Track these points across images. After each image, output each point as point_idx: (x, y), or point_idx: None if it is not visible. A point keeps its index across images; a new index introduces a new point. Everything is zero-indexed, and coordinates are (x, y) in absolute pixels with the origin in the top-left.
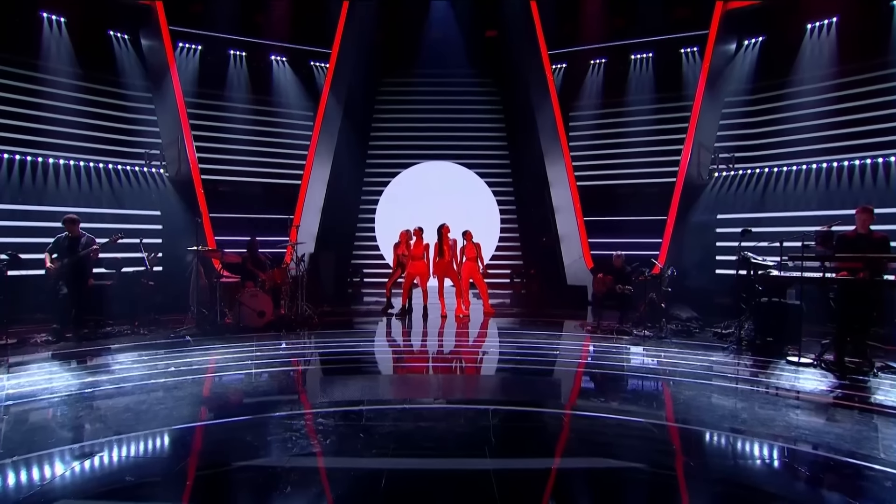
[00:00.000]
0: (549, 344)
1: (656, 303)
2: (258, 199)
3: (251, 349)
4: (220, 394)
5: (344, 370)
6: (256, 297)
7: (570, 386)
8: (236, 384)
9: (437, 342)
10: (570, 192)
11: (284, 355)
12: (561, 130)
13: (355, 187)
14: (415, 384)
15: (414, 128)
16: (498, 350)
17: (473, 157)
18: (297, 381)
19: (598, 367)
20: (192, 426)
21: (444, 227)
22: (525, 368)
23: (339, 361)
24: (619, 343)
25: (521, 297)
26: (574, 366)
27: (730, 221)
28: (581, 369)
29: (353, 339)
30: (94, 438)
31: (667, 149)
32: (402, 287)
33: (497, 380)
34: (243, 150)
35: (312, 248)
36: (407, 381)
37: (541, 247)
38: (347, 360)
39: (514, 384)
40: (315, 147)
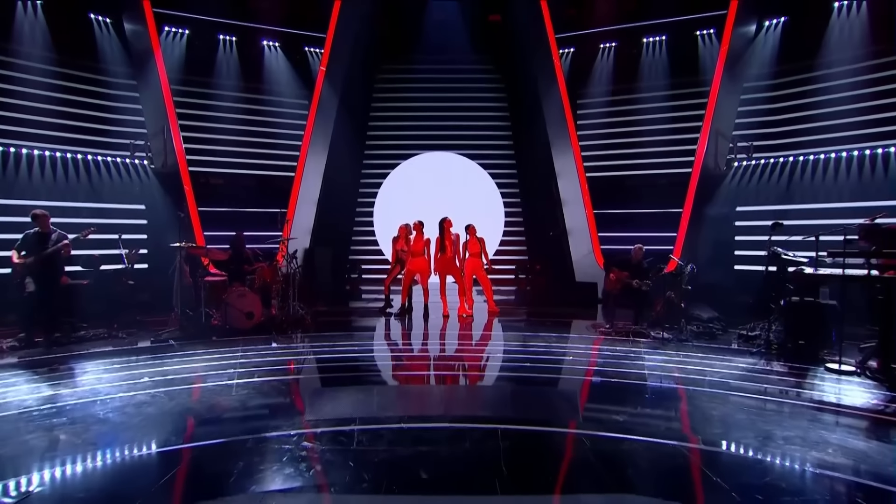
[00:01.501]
0: (561, 348)
1: (675, 302)
2: (250, 193)
3: (235, 355)
4: (192, 411)
5: (335, 380)
6: (244, 297)
7: (588, 400)
8: (213, 398)
9: (439, 346)
10: (579, 184)
11: (270, 362)
12: (569, 118)
13: (352, 179)
14: (414, 398)
15: (414, 116)
16: (505, 355)
17: (476, 147)
18: (282, 395)
19: (617, 376)
20: (151, 453)
21: (445, 220)
22: (536, 378)
23: (330, 369)
24: (637, 347)
25: (526, 294)
26: (591, 374)
27: (750, 214)
28: (599, 379)
29: (347, 343)
30: (29, 471)
31: (682, 137)
32: (401, 285)
33: (505, 392)
34: (233, 140)
35: (307, 244)
36: (405, 395)
37: (547, 241)
38: (339, 367)
39: (525, 397)
40: (309, 137)
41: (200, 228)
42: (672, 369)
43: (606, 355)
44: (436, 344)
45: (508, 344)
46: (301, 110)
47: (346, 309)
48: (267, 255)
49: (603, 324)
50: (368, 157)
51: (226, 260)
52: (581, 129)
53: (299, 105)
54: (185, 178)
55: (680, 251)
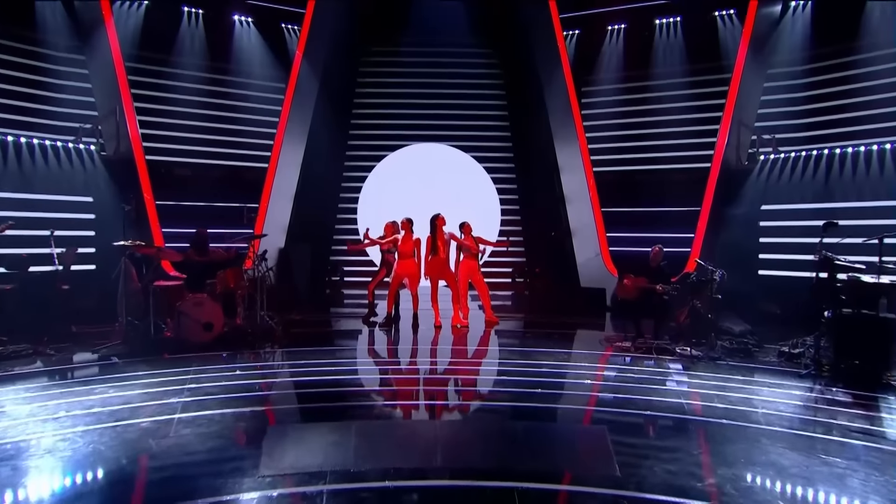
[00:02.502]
0: (575, 368)
1: (702, 313)
2: (216, 185)
3: (185, 378)
4: (107, 461)
5: (304, 413)
6: (202, 305)
7: (620, 443)
8: (140, 443)
9: (430, 363)
10: (585, 179)
11: (226, 387)
12: (574, 108)
13: (335, 172)
14: (402, 442)
15: (403, 104)
16: (510, 378)
17: (471, 138)
18: (232, 437)
19: (651, 407)
20: None
21: (438, 218)
22: (551, 409)
23: (299, 398)
24: (663, 367)
25: (525, 300)
26: (616, 403)
27: (776, 213)
28: (630, 412)
29: (322, 361)
30: None
31: (700, 129)
32: (387, 290)
33: (518, 432)
34: (198, 126)
35: (282, 243)
36: (391, 436)
37: (548, 242)
38: (310, 395)
39: (543, 440)
40: (285, 124)
41: (158, 225)
42: (714, 398)
43: (631, 378)
44: (426, 362)
45: (512, 363)
46: (276, 94)
47: (325, 317)
48: (241, 257)
49: (619, 337)
50: (352, 149)
51: (188, 261)
52: (588, 119)
53: (274, 89)
54: (141, 166)
55: (698, 254)
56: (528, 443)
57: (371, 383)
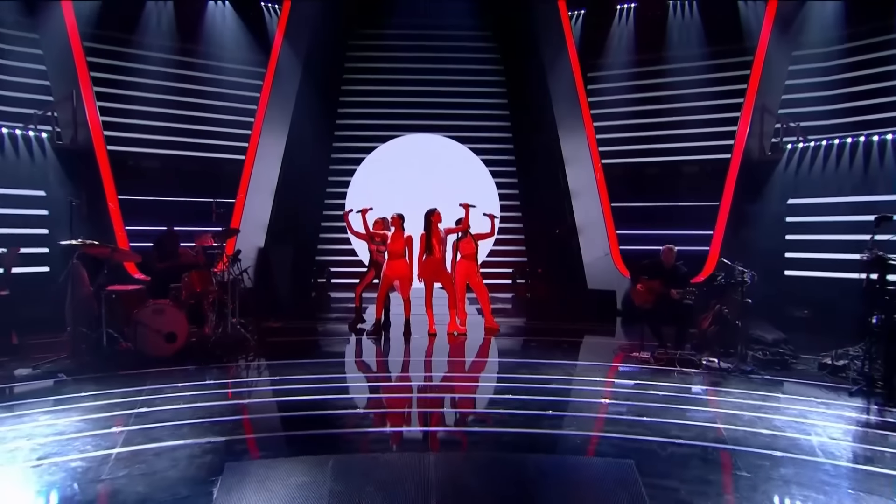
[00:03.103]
0: (590, 384)
1: (729, 319)
2: (188, 179)
3: (137, 400)
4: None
5: (269, 444)
6: (162, 313)
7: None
8: (63, 489)
9: (423, 379)
10: (593, 173)
11: (182, 412)
12: (581, 94)
13: (320, 164)
14: (387, 482)
15: (394, 91)
16: (517, 397)
17: (468, 128)
18: (178, 481)
19: (682, 433)
20: None
21: (433, 214)
22: (565, 436)
23: (265, 424)
24: (691, 382)
25: (526, 303)
26: (642, 429)
27: (805, 208)
28: (656, 438)
29: (299, 376)
30: None
31: (719, 117)
32: (376, 293)
33: (527, 466)
34: (166, 114)
35: (262, 242)
36: (373, 475)
37: (552, 240)
38: (280, 421)
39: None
40: (264, 112)
41: (122, 222)
42: (755, 421)
43: (656, 397)
44: (419, 377)
45: (517, 378)
46: (254, 80)
47: (307, 324)
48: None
49: (636, 346)
50: (339, 139)
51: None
52: (595, 106)
53: (252, 73)
54: (102, 157)
55: (717, 253)
56: (540, 481)
57: (354, 405)
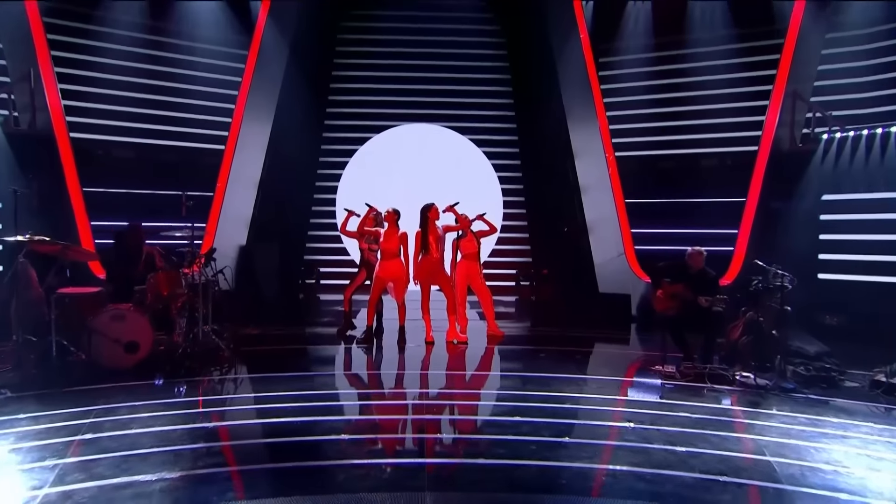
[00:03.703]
0: (609, 403)
1: (763, 329)
2: (161, 170)
3: (81, 424)
4: None
5: (232, 480)
6: (122, 320)
7: None
8: None
9: (419, 396)
10: (605, 166)
11: (133, 440)
12: (593, 81)
13: (309, 156)
14: None
15: (390, 77)
16: (525, 420)
17: (469, 118)
18: None
19: (727, 468)
20: None
21: (430, 209)
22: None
23: (231, 454)
24: (725, 402)
25: (531, 307)
26: (676, 462)
27: (842, 205)
28: (696, 475)
29: (275, 393)
30: None
31: (745, 105)
32: (367, 297)
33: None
34: (136, 98)
35: (244, 239)
36: None
37: (559, 238)
38: (249, 450)
39: None
40: (246, 99)
41: (86, 218)
42: (810, 453)
43: (688, 420)
44: (414, 393)
45: (526, 396)
46: (235, 63)
47: (291, 331)
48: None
49: (658, 358)
50: (330, 129)
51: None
52: (608, 95)
53: (233, 55)
54: (63, 144)
55: (743, 254)
56: None
57: (339, 430)
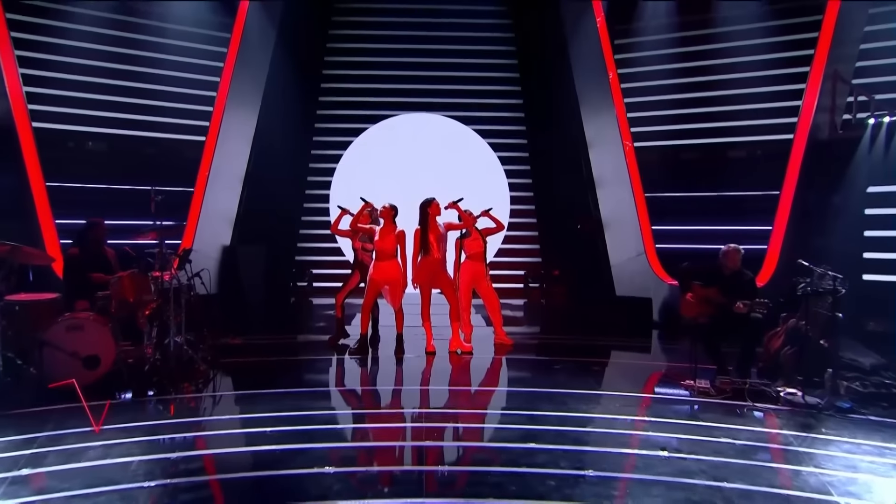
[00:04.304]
0: (634, 427)
1: (811, 338)
2: (136, 163)
3: (20, 455)
4: None
5: None
6: (81, 330)
7: None
8: None
9: (418, 415)
10: (623, 157)
11: (81, 475)
12: (610, 65)
13: (300, 148)
14: None
15: (387, 63)
16: (540, 448)
17: (472, 107)
18: None
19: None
20: None
21: (431, 205)
22: None
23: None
24: (772, 425)
25: (540, 311)
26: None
27: (891, 198)
28: None
29: (255, 413)
30: None
31: (779, 89)
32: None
33: None
34: (107, 85)
35: (228, 239)
36: None
37: (572, 236)
38: (219, 487)
39: None
40: (228, 85)
41: (51, 215)
42: None
43: (733, 448)
44: (413, 412)
45: (542, 416)
46: (217, 46)
47: (277, 340)
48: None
49: (686, 372)
50: (323, 119)
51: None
52: (627, 80)
53: (214, 38)
54: (25, 135)
55: (777, 253)
56: None
57: (322, 460)
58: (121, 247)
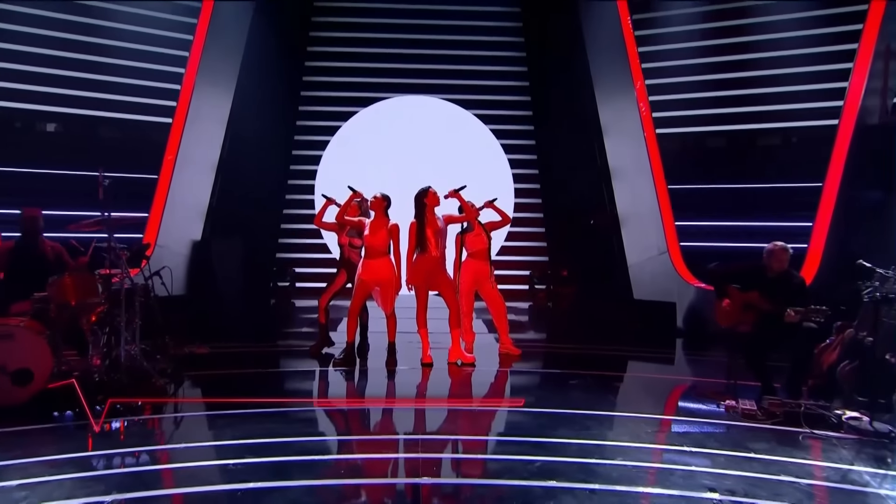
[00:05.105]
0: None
1: (874, 351)
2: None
3: None
4: None
5: None
6: (10, 339)
7: None
8: None
9: (412, 446)
10: (644, 145)
11: None
12: (628, 42)
13: (281, 133)
14: None
15: (379, 40)
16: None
17: (473, 89)
18: None
19: None
20: None
21: (428, 194)
22: None
23: None
24: (839, 457)
25: (547, 315)
26: None
27: None
28: None
29: (217, 442)
30: None
31: (821, 69)
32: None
33: None
34: (62, 58)
35: (199, 233)
36: None
37: (583, 233)
38: None
39: None
40: (199, 61)
41: None
42: None
43: (797, 493)
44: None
45: (560, 441)
46: (185, 17)
47: (252, 350)
48: None
49: (725, 390)
50: (308, 101)
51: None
52: (647, 59)
53: (181, 8)
54: None
55: (820, 252)
56: None
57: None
58: (66, 241)
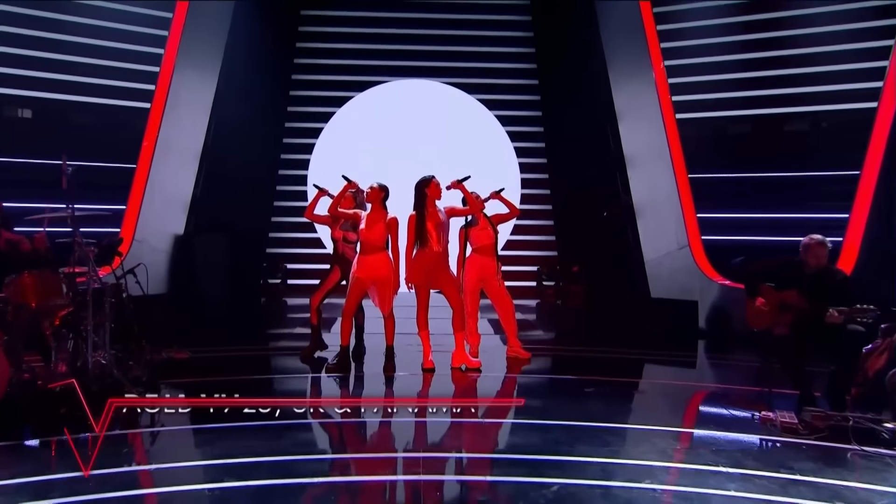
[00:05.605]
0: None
1: None
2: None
3: None
4: None
5: None
6: None
7: None
8: None
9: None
10: (663, 131)
11: None
12: (646, 20)
13: (271, 119)
14: None
15: (377, 20)
16: None
17: (476, 72)
18: None
19: None
20: None
21: (429, 185)
22: None
23: None
24: (890, 481)
25: (556, 314)
26: None
27: None
28: None
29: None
30: None
31: (858, 47)
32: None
33: None
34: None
35: (181, 227)
36: None
37: (595, 226)
38: None
39: None
40: (178, 41)
41: None
42: None
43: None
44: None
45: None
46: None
47: (236, 354)
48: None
49: (758, 400)
50: (299, 86)
51: None
52: (667, 38)
53: None
54: None
55: (858, 245)
56: None
57: None
58: (30, 235)
